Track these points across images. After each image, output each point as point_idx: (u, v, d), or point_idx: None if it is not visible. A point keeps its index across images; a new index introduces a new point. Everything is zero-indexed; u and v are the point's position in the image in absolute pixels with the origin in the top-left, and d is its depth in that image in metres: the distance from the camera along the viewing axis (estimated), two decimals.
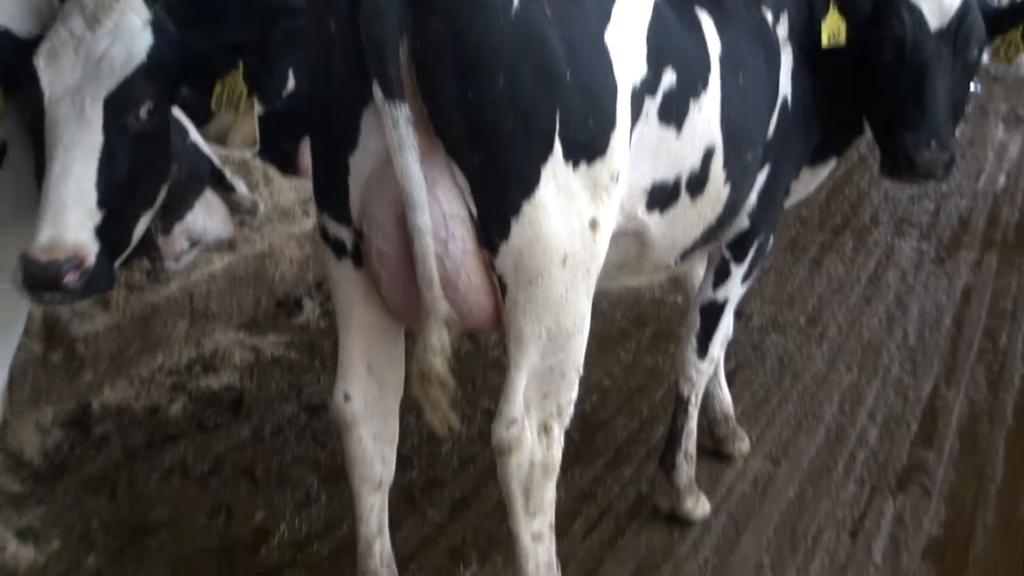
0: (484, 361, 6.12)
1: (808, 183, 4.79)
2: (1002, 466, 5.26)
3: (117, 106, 3.39)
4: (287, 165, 7.81)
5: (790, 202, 4.80)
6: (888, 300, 7.31)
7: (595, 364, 6.08)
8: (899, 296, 7.39)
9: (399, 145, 3.14)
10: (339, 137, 3.37)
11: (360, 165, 3.35)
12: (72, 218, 3.29)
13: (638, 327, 6.76)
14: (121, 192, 3.42)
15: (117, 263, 3.55)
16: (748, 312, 6.90)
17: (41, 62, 3.39)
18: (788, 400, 5.86)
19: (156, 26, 3.54)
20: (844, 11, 4.30)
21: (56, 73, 3.38)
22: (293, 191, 7.36)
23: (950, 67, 4.22)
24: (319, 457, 5.17)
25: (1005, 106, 12.28)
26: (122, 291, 5.76)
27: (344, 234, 3.48)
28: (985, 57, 4.59)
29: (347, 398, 3.67)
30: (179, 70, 3.57)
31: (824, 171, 4.80)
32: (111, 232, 3.41)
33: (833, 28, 4.25)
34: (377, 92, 3.13)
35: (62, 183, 3.30)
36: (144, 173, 3.54)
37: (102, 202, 3.35)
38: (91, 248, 3.33)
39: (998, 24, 4.42)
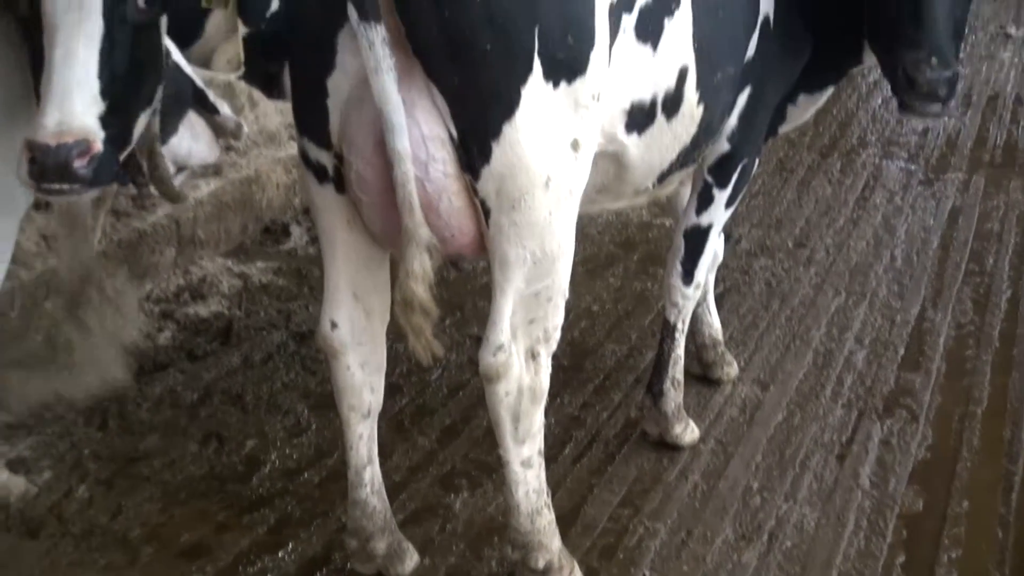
0: (472, 287, 6.12)
1: (805, 110, 4.73)
2: (988, 389, 5.28)
3: None
4: (272, 88, 7.74)
5: (786, 128, 4.77)
6: (875, 222, 7.29)
7: (583, 289, 6.08)
8: (886, 218, 7.38)
9: (376, 67, 3.11)
10: (316, 58, 3.34)
11: (338, 87, 3.32)
12: (78, 102, 3.25)
13: (626, 251, 6.75)
14: (122, 84, 3.38)
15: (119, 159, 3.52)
16: (736, 235, 6.89)
17: None
18: (776, 324, 5.87)
19: None
20: None
21: None
22: (279, 114, 7.32)
23: None
24: (309, 385, 5.18)
25: (993, 24, 12.21)
26: (108, 217, 5.73)
27: (325, 158, 3.46)
28: None
29: (334, 326, 3.67)
30: None
31: (822, 98, 4.74)
32: (113, 125, 3.37)
33: None
34: (352, 13, 3.10)
35: (65, 68, 3.26)
36: (142, 67, 3.50)
37: (104, 92, 3.31)
38: (98, 133, 3.29)
39: None
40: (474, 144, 3.26)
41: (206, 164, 6.31)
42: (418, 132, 3.25)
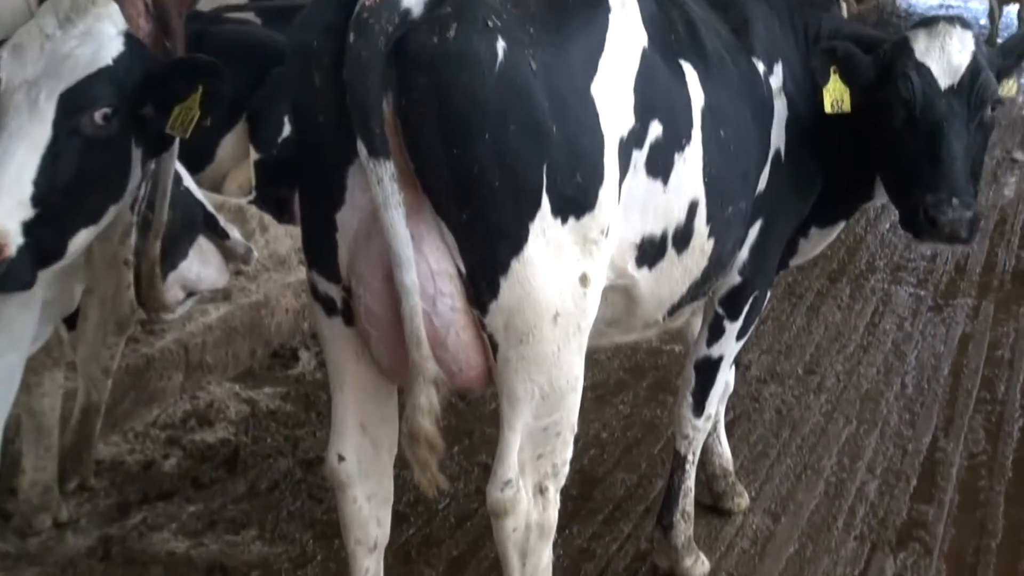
0: (481, 413, 6.08)
1: (817, 244, 4.75)
2: (1002, 521, 5.21)
3: (72, 103, 3.34)
4: (283, 212, 7.81)
5: (797, 261, 4.78)
6: (886, 348, 7.27)
7: (592, 416, 6.04)
8: (897, 344, 7.35)
9: (384, 202, 3.12)
10: (326, 192, 3.36)
11: (347, 221, 3.34)
12: (1, 203, 3.22)
13: (636, 378, 6.72)
14: (61, 195, 3.34)
15: (43, 271, 3.46)
16: (746, 362, 6.85)
17: (5, 53, 3.37)
18: (787, 453, 5.82)
19: (129, 38, 3.51)
20: (846, 76, 4.21)
21: (18, 64, 3.34)
22: (289, 239, 7.36)
23: (965, 125, 4.10)
24: (315, 513, 5.12)
25: (999, 149, 12.28)
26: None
27: (333, 291, 3.46)
28: None
29: (341, 458, 3.63)
30: (144, 86, 3.51)
31: (833, 233, 4.77)
32: (41, 234, 3.32)
33: (836, 95, 4.17)
34: (361, 149, 3.12)
35: None
36: (90, 183, 3.46)
37: (37, 199, 3.27)
38: (13, 239, 3.23)
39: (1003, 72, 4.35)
40: (482, 279, 3.27)
41: (215, 288, 6.34)
42: (426, 266, 3.26)
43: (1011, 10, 18.65)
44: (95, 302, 4.82)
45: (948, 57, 4.14)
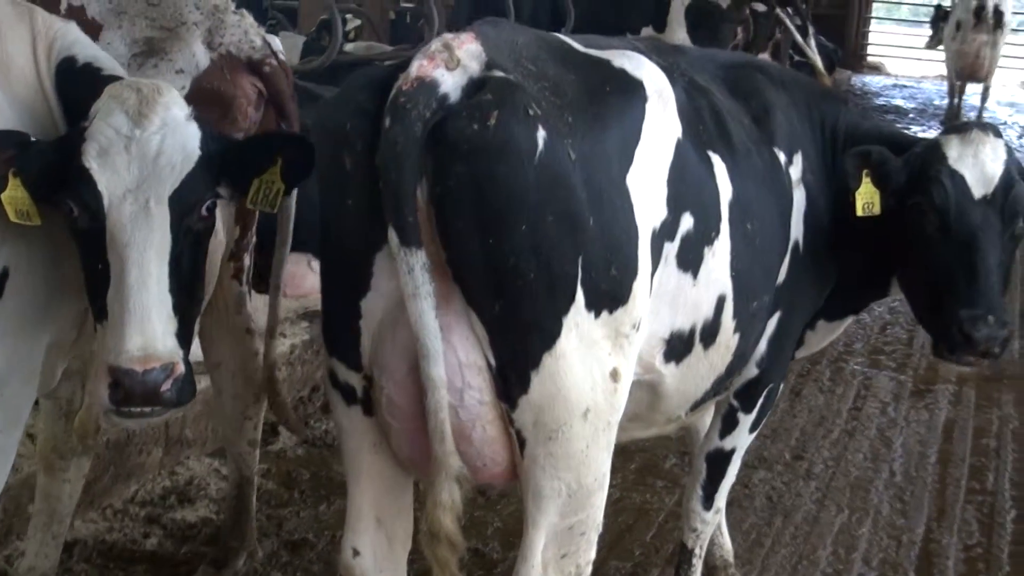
0: (468, 498, 5.93)
1: (823, 337, 4.67)
2: None
3: (182, 204, 3.25)
4: (260, 282, 7.67)
5: (803, 353, 4.71)
6: (871, 434, 7.20)
7: None
8: (881, 430, 7.29)
9: (414, 292, 3.05)
10: (351, 278, 3.28)
11: (372, 309, 3.25)
12: (158, 324, 3.15)
13: (622, 461, 6.58)
14: (187, 295, 3.28)
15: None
16: None
17: (93, 163, 3.22)
18: (781, 542, 5.72)
19: (198, 118, 3.42)
20: (879, 180, 4.12)
21: (112, 173, 3.22)
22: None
23: (999, 236, 4.01)
24: None
25: None
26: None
27: (354, 380, 3.36)
28: None
29: (356, 553, 3.51)
30: (223, 163, 3.41)
31: (840, 327, 4.69)
32: (184, 339, 3.25)
33: (868, 198, 4.10)
34: (393, 238, 3.05)
35: (142, 288, 3.16)
36: (199, 274, 3.40)
37: (176, 307, 3.21)
38: (179, 354, 3.18)
39: None
40: (512, 373, 3.19)
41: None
42: (454, 359, 3.18)
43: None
44: (226, 376, 4.93)
45: (982, 166, 4.04)
